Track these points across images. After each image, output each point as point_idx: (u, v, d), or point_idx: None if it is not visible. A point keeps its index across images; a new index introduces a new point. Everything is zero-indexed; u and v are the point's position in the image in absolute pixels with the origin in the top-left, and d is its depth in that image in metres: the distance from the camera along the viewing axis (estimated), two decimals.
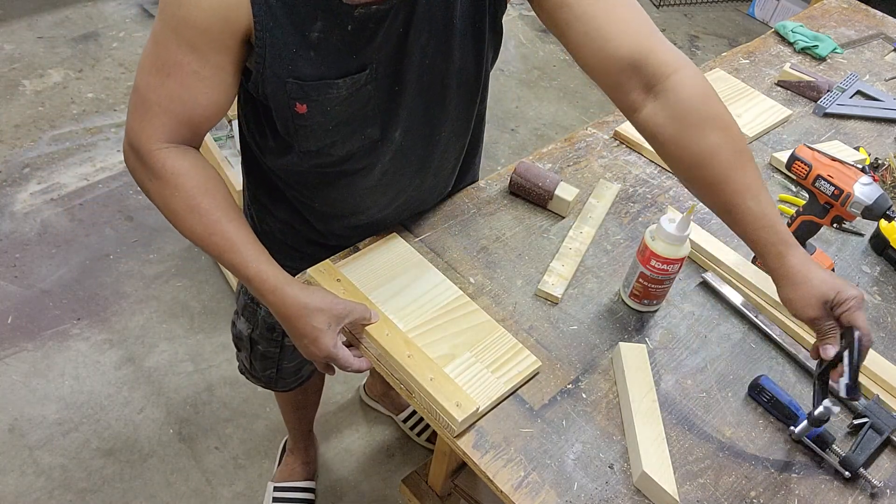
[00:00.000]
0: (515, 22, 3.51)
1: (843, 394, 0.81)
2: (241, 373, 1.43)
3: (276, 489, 1.66)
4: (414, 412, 1.83)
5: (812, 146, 1.08)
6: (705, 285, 1.10)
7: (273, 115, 0.89)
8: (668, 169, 1.29)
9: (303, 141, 0.90)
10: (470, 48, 0.92)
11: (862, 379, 0.98)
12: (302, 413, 1.59)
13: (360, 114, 0.89)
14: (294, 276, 1.18)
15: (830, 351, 0.82)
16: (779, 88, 1.56)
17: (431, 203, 1.13)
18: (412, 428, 1.83)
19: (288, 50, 0.81)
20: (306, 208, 1.07)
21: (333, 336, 0.86)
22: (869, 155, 1.39)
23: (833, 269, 1.11)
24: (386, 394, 1.84)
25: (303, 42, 0.80)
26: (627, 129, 1.34)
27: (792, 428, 0.89)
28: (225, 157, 1.87)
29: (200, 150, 0.91)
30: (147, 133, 0.84)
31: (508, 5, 0.96)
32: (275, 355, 1.30)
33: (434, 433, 1.81)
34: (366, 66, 0.85)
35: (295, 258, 1.12)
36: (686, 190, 1.26)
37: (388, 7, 0.82)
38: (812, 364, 1.00)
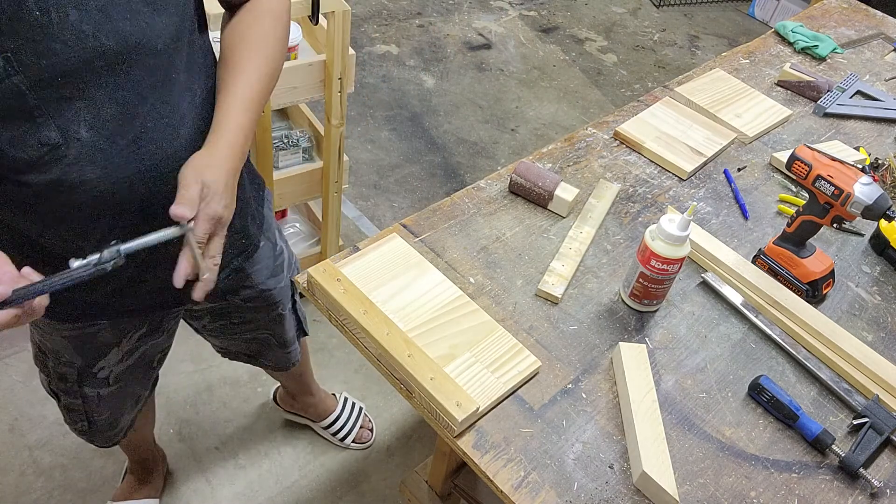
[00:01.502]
0: (515, 22, 3.52)
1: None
2: (66, 424, 1.33)
3: None
4: (338, 418, 1.78)
5: (812, 146, 1.08)
6: (705, 285, 1.10)
7: None
8: (668, 169, 1.29)
9: None
10: (142, 14, 0.80)
11: (862, 379, 0.98)
12: (132, 434, 1.45)
13: (18, 112, 0.77)
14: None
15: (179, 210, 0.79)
16: (779, 88, 1.56)
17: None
18: (335, 434, 1.79)
19: None
20: (37, 249, 0.91)
21: None
22: (869, 155, 1.39)
23: (833, 270, 1.11)
24: (303, 403, 1.77)
25: None
26: (627, 129, 1.34)
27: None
28: None
29: None
30: None
31: (508, 5, 0.93)
32: (79, 407, 1.23)
33: (359, 436, 1.80)
34: None
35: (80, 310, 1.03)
36: (686, 190, 1.26)
37: None
38: (815, 369, 1.00)
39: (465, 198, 1.17)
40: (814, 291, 1.09)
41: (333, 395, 1.83)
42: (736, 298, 1.07)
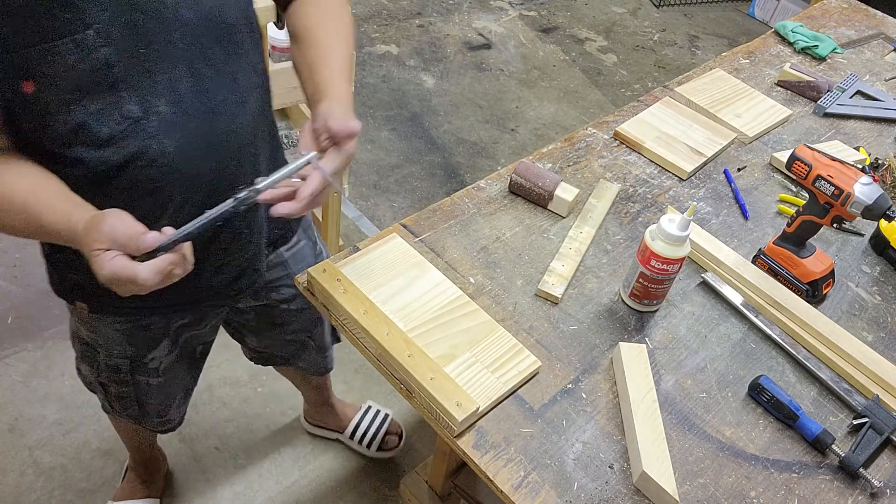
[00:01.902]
0: (515, 22, 3.51)
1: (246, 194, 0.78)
2: (106, 412, 1.35)
3: None
4: (358, 425, 1.77)
5: (812, 146, 1.08)
6: (705, 285, 1.10)
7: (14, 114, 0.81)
8: (668, 169, 1.29)
9: (46, 127, 0.80)
10: None
11: (862, 379, 0.98)
12: (138, 431, 1.48)
13: (104, 85, 0.79)
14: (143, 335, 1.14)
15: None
16: (779, 88, 1.56)
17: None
18: (360, 442, 1.77)
19: None
20: None
21: (102, 260, 0.75)
22: (869, 155, 1.39)
23: (833, 270, 1.11)
24: (324, 414, 1.76)
25: None
26: (627, 129, 1.34)
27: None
28: None
29: None
30: None
31: (508, 5, 0.94)
32: (130, 394, 1.24)
33: (384, 442, 1.77)
34: (88, 25, 0.75)
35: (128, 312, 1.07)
36: (686, 190, 1.26)
37: None
38: (815, 369, 1.00)
39: (465, 198, 1.17)
40: (814, 291, 1.09)
41: (361, 405, 1.82)
42: (736, 298, 1.07)
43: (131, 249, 0.73)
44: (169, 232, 0.75)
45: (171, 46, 0.83)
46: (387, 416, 1.82)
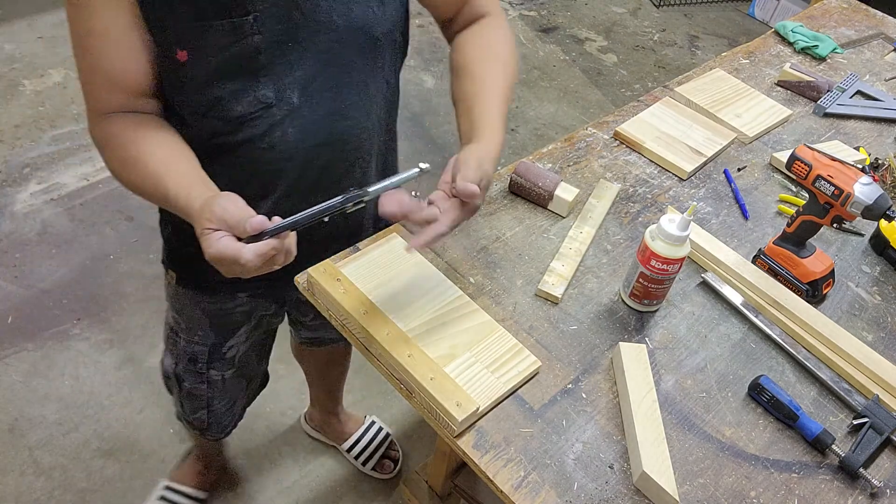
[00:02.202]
0: (515, 22, 3.51)
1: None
2: (178, 419, 1.36)
3: (166, 487, 1.63)
4: (357, 441, 1.77)
5: (812, 146, 1.08)
6: (705, 285, 1.10)
7: (161, 78, 0.87)
8: (668, 169, 1.29)
9: (186, 96, 0.88)
10: (372, 1, 0.91)
11: (862, 379, 0.98)
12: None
13: (248, 68, 0.86)
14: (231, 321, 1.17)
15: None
16: (779, 88, 1.56)
17: (347, 186, 1.06)
18: (356, 458, 1.77)
19: None
20: None
21: (211, 238, 0.76)
22: (869, 155, 1.39)
23: (833, 270, 1.11)
24: (326, 422, 1.78)
25: None
26: (627, 129, 1.34)
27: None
28: None
29: None
30: (89, 112, 0.87)
31: (508, 5, 0.95)
32: (203, 393, 1.25)
33: (379, 464, 1.77)
34: (249, 11, 0.82)
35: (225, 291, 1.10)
36: (686, 190, 1.26)
37: None
38: (815, 369, 1.00)
39: None
40: (814, 291, 1.09)
41: (364, 418, 1.83)
42: (736, 298, 1.07)
43: (238, 231, 0.75)
44: (277, 220, 0.77)
45: (316, 46, 0.88)
46: (388, 435, 1.81)
